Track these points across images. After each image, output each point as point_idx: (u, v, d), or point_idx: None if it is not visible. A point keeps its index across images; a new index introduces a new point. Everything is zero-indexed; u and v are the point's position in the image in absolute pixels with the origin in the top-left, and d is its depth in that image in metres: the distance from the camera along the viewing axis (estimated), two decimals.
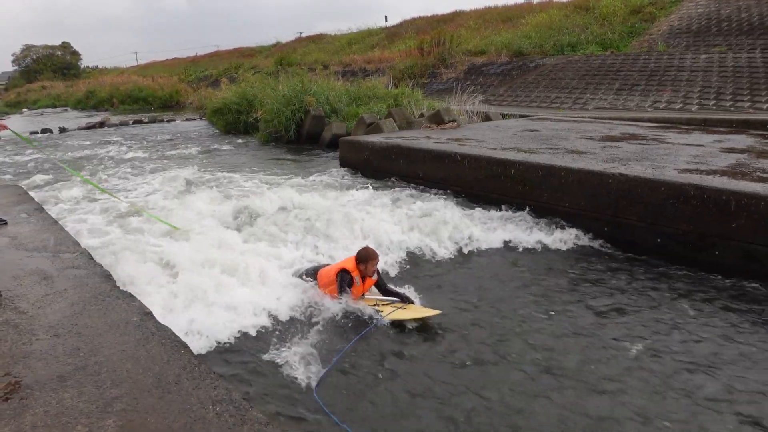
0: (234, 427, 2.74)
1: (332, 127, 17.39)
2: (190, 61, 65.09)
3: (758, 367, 4.57)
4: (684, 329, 5.27)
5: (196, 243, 7.01)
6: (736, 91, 17.81)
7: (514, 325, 5.39)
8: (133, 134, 23.32)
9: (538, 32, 29.09)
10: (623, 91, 20.36)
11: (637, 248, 7.32)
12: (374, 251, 5.87)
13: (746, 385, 4.30)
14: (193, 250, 6.69)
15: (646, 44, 24.45)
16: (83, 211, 9.32)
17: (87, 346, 3.67)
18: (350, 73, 32.90)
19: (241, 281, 6.05)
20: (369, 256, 5.77)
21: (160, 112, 35.48)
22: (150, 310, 4.22)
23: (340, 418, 3.84)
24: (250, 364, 4.67)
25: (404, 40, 38.14)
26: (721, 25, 23.51)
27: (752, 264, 6.37)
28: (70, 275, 5.00)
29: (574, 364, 4.65)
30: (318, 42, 51.91)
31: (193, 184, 11.45)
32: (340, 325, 5.38)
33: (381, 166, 11.49)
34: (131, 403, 2.99)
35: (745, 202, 6.41)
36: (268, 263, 6.59)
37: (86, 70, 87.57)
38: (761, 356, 4.74)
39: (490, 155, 9.44)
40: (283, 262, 6.76)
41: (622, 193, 7.51)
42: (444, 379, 4.43)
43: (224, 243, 7.16)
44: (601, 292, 6.19)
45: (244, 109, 21.10)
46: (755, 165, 8.15)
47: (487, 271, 6.92)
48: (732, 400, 4.13)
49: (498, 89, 24.58)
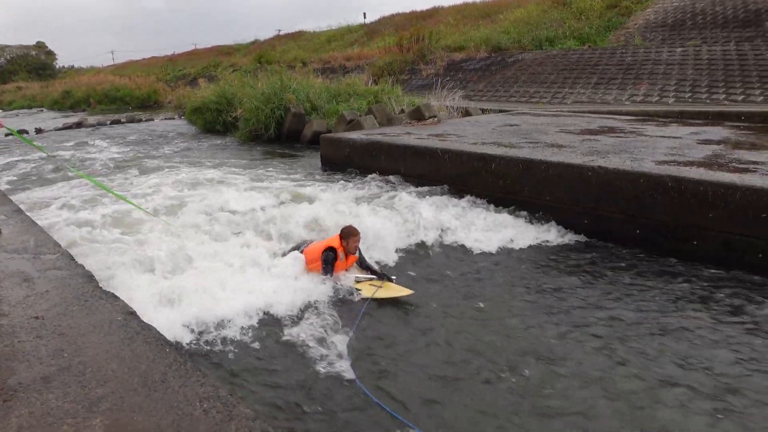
0: (222, 423, 2.75)
1: (313, 124, 17.37)
2: (167, 60, 64.55)
3: (736, 354, 4.68)
4: (661, 316, 5.37)
5: (183, 241, 7.12)
6: (712, 83, 18.08)
7: (489, 311, 5.50)
8: (111, 134, 23.04)
9: (517, 27, 29.30)
10: (601, 85, 20.57)
11: (617, 240, 7.42)
12: (356, 229, 6.43)
13: (721, 369, 4.40)
14: (180, 247, 6.80)
15: (622, 38, 24.73)
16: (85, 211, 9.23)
17: (71, 346, 3.65)
18: (330, 70, 32.84)
19: (229, 275, 6.19)
20: (351, 232, 6.35)
21: (138, 112, 35.10)
22: (134, 310, 4.20)
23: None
24: (242, 359, 4.75)
25: (383, 37, 38.21)
26: (696, 19, 23.85)
27: (730, 253, 6.49)
28: (52, 276, 4.95)
29: (545, 350, 4.72)
30: (297, 39, 51.76)
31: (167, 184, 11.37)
32: (328, 313, 5.58)
33: (362, 163, 11.50)
34: (117, 402, 2.98)
35: (722, 192, 6.52)
36: (252, 257, 6.75)
37: (62, 70, 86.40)
38: (739, 341, 4.85)
39: (471, 150, 9.50)
40: (263, 257, 6.84)
41: (601, 185, 7.60)
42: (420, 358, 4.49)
43: (207, 240, 7.23)
44: (581, 282, 6.29)
45: (223, 107, 20.98)
46: (731, 156, 8.30)
47: (467, 264, 6.98)
48: (705, 383, 4.22)
49: (477, 85, 24.70)
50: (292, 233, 7.64)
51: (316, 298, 5.84)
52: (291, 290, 5.92)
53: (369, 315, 5.62)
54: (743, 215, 6.37)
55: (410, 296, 5.92)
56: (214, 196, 9.52)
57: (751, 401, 4.03)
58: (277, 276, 6.23)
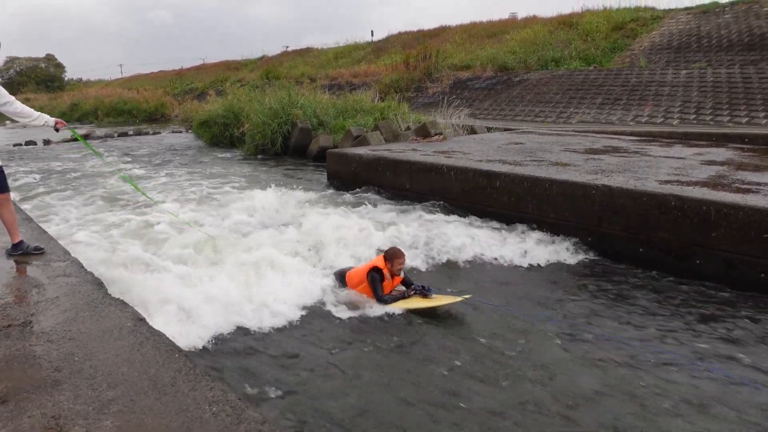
0: (231, 426, 2.80)
1: (319, 139, 17.50)
2: (175, 74, 64.97)
3: (740, 370, 4.71)
4: (662, 334, 5.42)
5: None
6: (716, 105, 18.18)
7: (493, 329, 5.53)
8: (118, 147, 23.23)
9: (523, 47, 29.53)
10: (606, 105, 20.69)
11: (621, 258, 7.47)
12: (400, 250, 6.33)
13: (725, 388, 4.44)
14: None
15: (628, 60, 24.90)
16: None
17: (81, 350, 3.71)
18: (337, 86, 33.06)
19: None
20: (396, 254, 6.23)
21: (145, 125, 35.35)
22: (143, 316, 4.27)
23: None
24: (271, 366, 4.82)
25: (390, 55, 38.50)
26: (701, 42, 24.01)
27: (732, 272, 6.54)
28: (62, 283, 5.02)
29: (546, 366, 4.76)
30: (304, 56, 52.10)
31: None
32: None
33: (368, 178, 11.60)
34: (128, 405, 3.03)
35: (725, 212, 6.59)
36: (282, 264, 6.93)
37: (70, 82, 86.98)
38: (743, 358, 4.89)
39: (476, 167, 9.59)
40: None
41: (605, 203, 7.67)
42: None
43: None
44: (583, 300, 6.33)
45: (230, 121, 21.15)
46: (734, 177, 8.37)
47: (473, 280, 7.03)
48: (708, 395, 4.25)
49: (483, 103, 24.86)
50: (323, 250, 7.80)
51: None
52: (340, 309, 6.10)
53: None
54: (746, 235, 6.43)
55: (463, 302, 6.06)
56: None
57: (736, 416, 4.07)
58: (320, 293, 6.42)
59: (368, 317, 5.95)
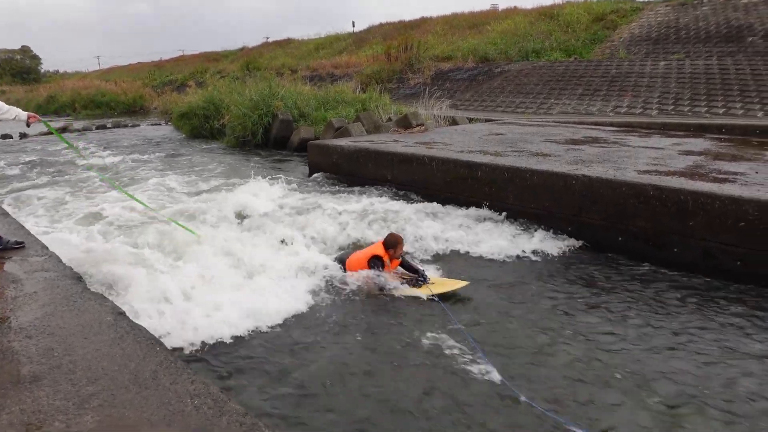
0: (213, 418, 2.80)
1: (300, 131, 17.43)
2: (154, 66, 64.22)
3: (715, 359, 4.80)
4: (640, 323, 5.49)
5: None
6: (694, 96, 18.39)
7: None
8: (96, 139, 22.92)
9: (504, 39, 29.60)
10: (586, 96, 20.83)
11: (600, 246, 7.55)
12: (400, 236, 6.59)
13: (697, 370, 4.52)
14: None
15: (608, 51, 25.06)
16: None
17: (60, 345, 3.68)
18: (318, 77, 32.92)
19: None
20: (397, 240, 6.45)
21: (124, 118, 34.92)
22: (123, 310, 4.24)
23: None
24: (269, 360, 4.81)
25: (372, 46, 38.40)
26: (680, 34, 24.23)
27: (709, 260, 6.63)
28: (40, 278, 4.97)
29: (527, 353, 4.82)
30: (285, 47, 51.77)
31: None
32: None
33: (350, 170, 11.58)
34: (108, 399, 3.02)
35: (702, 201, 6.67)
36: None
37: (47, 74, 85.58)
38: (718, 349, 4.98)
39: (458, 158, 9.61)
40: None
41: (585, 193, 7.74)
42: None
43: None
44: (562, 289, 6.38)
45: (211, 113, 20.97)
46: (711, 166, 8.48)
47: (455, 269, 7.07)
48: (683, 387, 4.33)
49: (464, 94, 24.90)
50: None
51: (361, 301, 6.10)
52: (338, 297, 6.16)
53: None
54: (722, 224, 6.52)
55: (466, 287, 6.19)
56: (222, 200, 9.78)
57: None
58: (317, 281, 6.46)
59: (361, 305, 6.02)
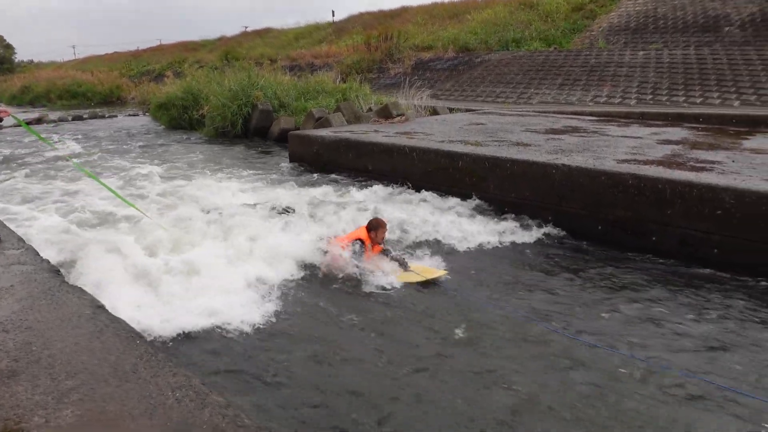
0: (195, 410, 2.78)
1: (280, 121, 17.33)
2: (131, 56, 63.34)
3: (688, 342, 4.89)
4: (618, 310, 5.56)
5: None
6: (672, 86, 18.56)
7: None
8: (72, 130, 22.56)
9: (484, 28, 29.60)
10: (566, 86, 20.93)
11: (580, 236, 7.62)
12: (383, 220, 6.72)
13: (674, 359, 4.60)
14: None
15: (587, 41, 25.20)
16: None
17: (39, 340, 3.63)
18: (297, 67, 32.67)
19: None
20: (379, 224, 6.59)
21: (100, 108, 34.40)
22: (102, 303, 4.19)
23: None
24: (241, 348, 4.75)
25: (351, 35, 38.20)
26: (658, 23, 24.42)
27: (687, 248, 6.73)
28: (17, 271, 4.89)
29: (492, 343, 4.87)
30: (264, 36, 51.32)
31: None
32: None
33: (330, 160, 11.55)
34: (88, 393, 2.99)
35: (680, 189, 6.76)
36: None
37: (21, 64, 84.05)
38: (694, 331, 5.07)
39: (438, 148, 9.63)
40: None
41: (565, 182, 7.79)
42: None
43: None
44: (542, 278, 6.44)
45: (189, 104, 20.73)
46: (689, 155, 8.58)
47: (436, 257, 7.09)
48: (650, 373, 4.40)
49: (445, 84, 24.89)
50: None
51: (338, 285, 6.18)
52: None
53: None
54: (699, 212, 6.61)
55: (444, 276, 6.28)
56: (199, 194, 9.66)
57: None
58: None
59: (341, 291, 6.08)
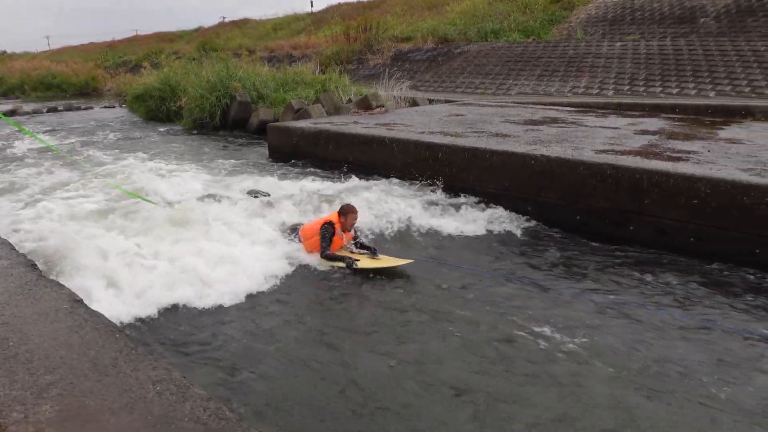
0: (176, 404, 2.77)
1: (259, 113, 17.21)
2: (107, 46, 62.33)
3: (667, 332, 4.97)
4: (597, 300, 5.64)
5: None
6: (649, 77, 18.75)
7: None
8: (48, 122, 22.21)
9: (463, 19, 29.59)
10: (544, 77, 21.04)
11: (560, 226, 7.69)
12: (354, 206, 6.75)
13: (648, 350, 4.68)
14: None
15: (565, 32, 25.33)
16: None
17: (16, 335, 3.58)
18: (276, 59, 32.42)
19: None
20: (350, 209, 6.65)
21: (76, 100, 33.86)
22: (80, 298, 4.14)
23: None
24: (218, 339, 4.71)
25: (330, 26, 37.99)
26: (635, 15, 24.62)
27: (663, 237, 6.83)
28: None
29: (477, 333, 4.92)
30: (242, 27, 50.85)
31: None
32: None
33: (310, 152, 11.51)
34: (67, 388, 2.96)
35: (656, 179, 6.85)
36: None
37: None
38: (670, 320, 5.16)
39: (418, 139, 9.64)
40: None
41: (543, 173, 7.85)
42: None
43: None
44: (518, 268, 6.50)
45: (167, 95, 20.49)
46: (666, 145, 8.69)
47: (415, 248, 7.13)
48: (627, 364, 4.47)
49: (424, 75, 24.88)
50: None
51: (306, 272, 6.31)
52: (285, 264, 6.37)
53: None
54: (675, 201, 6.71)
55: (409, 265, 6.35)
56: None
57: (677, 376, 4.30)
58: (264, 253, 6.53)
59: (313, 277, 6.21)
